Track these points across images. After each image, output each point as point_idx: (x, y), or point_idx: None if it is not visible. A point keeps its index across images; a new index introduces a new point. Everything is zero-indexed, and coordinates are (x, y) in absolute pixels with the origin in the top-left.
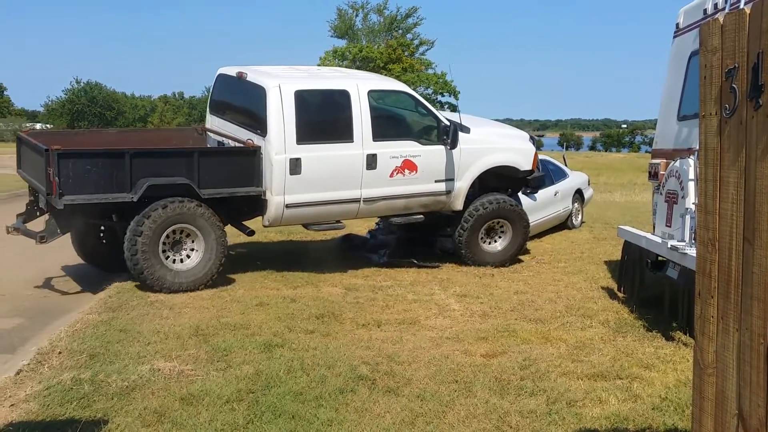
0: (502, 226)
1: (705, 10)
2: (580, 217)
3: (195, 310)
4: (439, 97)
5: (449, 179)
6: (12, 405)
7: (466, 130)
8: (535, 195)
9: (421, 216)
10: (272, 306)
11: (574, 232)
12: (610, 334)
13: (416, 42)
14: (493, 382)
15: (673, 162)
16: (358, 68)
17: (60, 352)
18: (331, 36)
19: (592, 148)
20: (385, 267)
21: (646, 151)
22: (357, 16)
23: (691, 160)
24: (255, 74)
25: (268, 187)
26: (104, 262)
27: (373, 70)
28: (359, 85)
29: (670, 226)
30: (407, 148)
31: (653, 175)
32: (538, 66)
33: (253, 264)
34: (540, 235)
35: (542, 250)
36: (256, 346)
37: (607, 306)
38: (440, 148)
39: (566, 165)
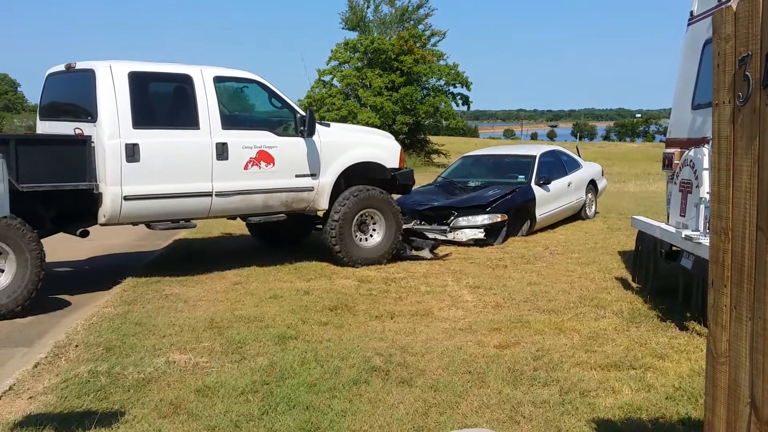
0: (374, 219)
1: None
2: (593, 207)
3: (209, 303)
4: (451, 88)
5: (312, 174)
6: (30, 397)
7: (326, 125)
8: (549, 186)
9: (284, 216)
10: (286, 298)
11: (588, 223)
12: (624, 325)
13: (428, 33)
14: (506, 372)
15: (687, 151)
16: (370, 60)
17: (77, 345)
18: (343, 28)
19: (606, 137)
20: (397, 260)
21: (661, 141)
22: (368, 7)
23: (705, 149)
24: (86, 62)
25: (101, 178)
26: None
27: (384, 62)
28: (203, 71)
29: (684, 216)
30: (262, 138)
31: (667, 164)
32: (551, 56)
33: (265, 257)
34: (554, 225)
35: (556, 240)
36: (270, 338)
37: (620, 296)
38: (299, 141)
39: (580, 155)
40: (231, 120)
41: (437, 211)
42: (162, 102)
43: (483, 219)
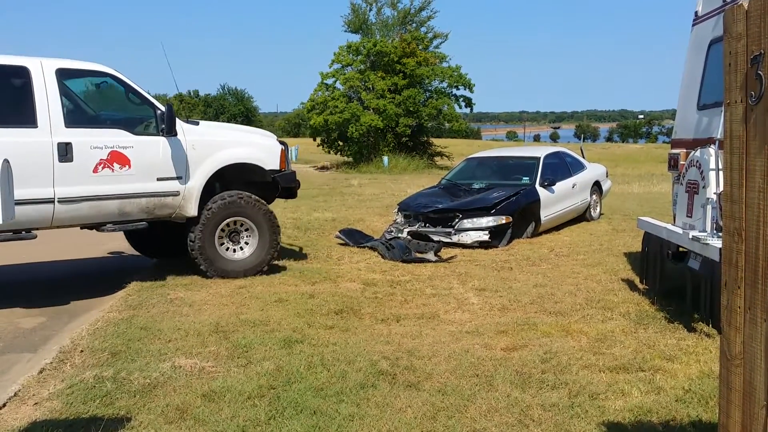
0: (247, 229)
1: None
2: (598, 209)
3: (214, 308)
4: (454, 91)
5: (177, 177)
6: (36, 403)
7: (194, 123)
8: (553, 188)
9: (145, 223)
10: (291, 302)
11: (593, 224)
12: (632, 326)
13: (430, 35)
14: (515, 375)
15: (693, 152)
16: (372, 63)
17: (82, 351)
18: (345, 31)
19: (609, 139)
20: (402, 263)
21: (664, 142)
22: (371, 10)
23: (711, 150)
24: None
25: None
26: None
27: (387, 64)
28: (44, 63)
29: (690, 217)
30: (115, 137)
31: (673, 165)
32: (554, 57)
33: None
34: (559, 227)
35: (561, 242)
36: (275, 342)
37: (627, 298)
38: (160, 140)
39: (584, 157)
40: (77, 117)
41: (442, 213)
42: None
43: (488, 221)
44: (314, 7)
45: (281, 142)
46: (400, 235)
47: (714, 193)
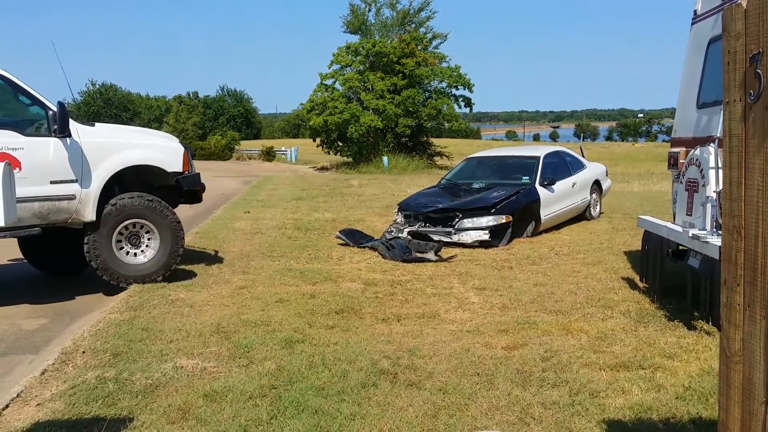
0: (147, 231)
1: None
2: (598, 207)
3: (216, 308)
4: (453, 91)
5: (72, 180)
6: (38, 404)
7: (90, 124)
8: (553, 187)
9: (38, 229)
10: (292, 302)
11: (593, 223)
12: (632, 325)
13: (429, 36)
14: (515, 374)
15: (693, 150)
16: (371, 63)
17: (84, 352)
18: (344, 32)
19: (609, 138)
20: (402, 262)
21: (664, 141)
22: (370, 11)
23: (711, 148)
24: None
25: None
26: None
27: (386, 65)
28: None
29: (690, 215)
30: (3, 138)
31: (673, 163)
32: (553, 57)
33: (270, 261)
34: (558, 226)
35: (561, 241)
36: (277, 342)
37: (627, 296)
38: (53, 141)
39: (584, 156)
40: None
41: (442, 213)
42: None
43: (488, 220)
44: (313, 8)
45: (184, 146)
46: (400, 234)
47: (714, 192)
